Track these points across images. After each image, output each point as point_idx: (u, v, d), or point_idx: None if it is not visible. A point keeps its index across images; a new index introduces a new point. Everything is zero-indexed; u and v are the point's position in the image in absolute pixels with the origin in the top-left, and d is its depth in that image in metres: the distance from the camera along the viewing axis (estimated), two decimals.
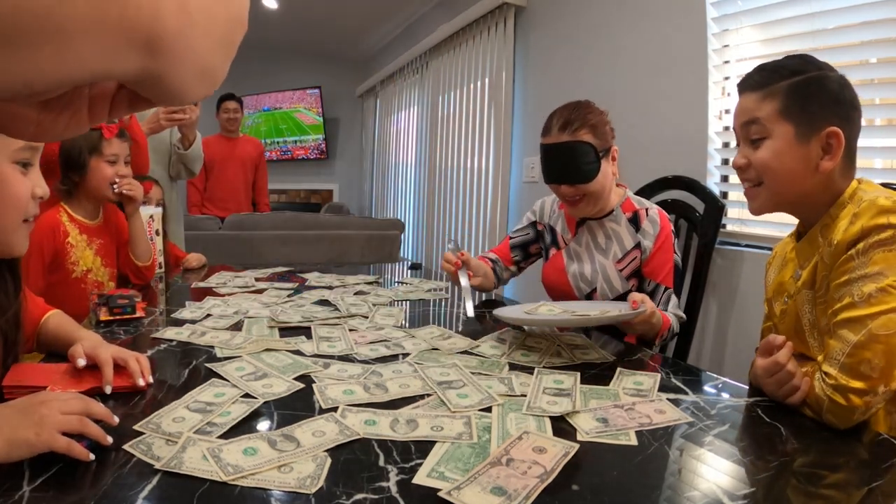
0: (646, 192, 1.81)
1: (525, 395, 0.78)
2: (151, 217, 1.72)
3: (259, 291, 1.51)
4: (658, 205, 1.36)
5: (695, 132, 1.79)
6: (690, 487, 0.57)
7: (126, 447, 0.60)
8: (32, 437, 0.55)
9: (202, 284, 1.63)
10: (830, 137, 0.82)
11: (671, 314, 1.22)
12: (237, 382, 0.80)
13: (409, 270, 2.08)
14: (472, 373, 0.87)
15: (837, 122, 0.82)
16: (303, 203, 5.68)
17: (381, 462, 0.59)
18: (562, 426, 0.69)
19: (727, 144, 1.74)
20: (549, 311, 1.12)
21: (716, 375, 0.93)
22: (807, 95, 0.83)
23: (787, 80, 0.84)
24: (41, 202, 0.81)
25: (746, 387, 0.87)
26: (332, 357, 0.94)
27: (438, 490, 0.53)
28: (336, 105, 5.55)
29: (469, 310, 1.23)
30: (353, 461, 0.59)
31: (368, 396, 0.77)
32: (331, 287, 1.60)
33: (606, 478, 0.58)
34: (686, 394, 0.82)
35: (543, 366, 0.92)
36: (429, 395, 0.78)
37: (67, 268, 1.35)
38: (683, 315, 1.31)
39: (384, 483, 0.55)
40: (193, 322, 1.15)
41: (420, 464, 0.58)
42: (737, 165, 0.90)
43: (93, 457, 0.56)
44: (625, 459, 0.62)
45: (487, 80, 3.01)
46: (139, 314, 1.17)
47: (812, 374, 0.77)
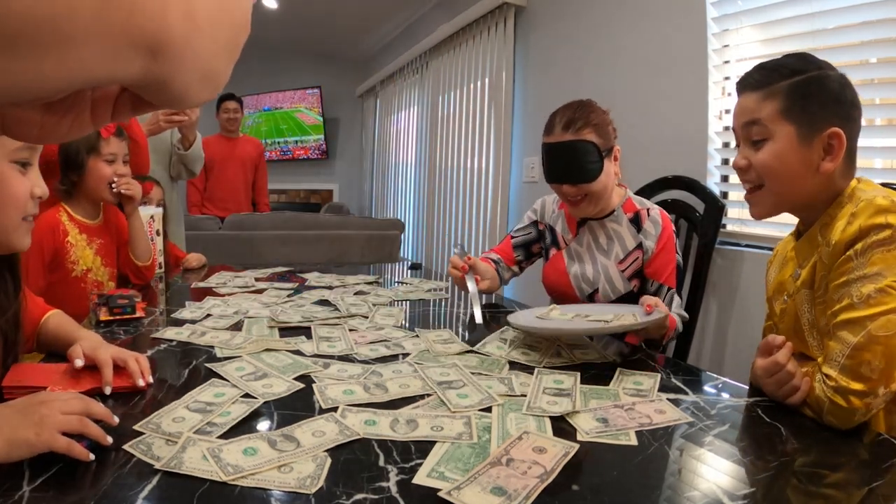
0: (646, 192, 1.81)
1: (525, 395, 0.78)
2: (152, 217, 1.72)
3: (259, 291, 1.51)
4: (658, 205, 1.36)
5: (695, 132, 1.79)
6: (690, 487, 0.57)
7: (126, 447, 0.60)
8: (32, 437, 0.55)
9: (202, 284, 1.63)
10: (832, 138, 0.81)
11: (676, 314, 1.22)
12: (237, 382, 0.80)
13: (409, 270, 2.08)
14: (472, 373, 0.87)
15: (838, 123, 0.81)
16: (303, 203, 5.68)
17: (381, 462, 0.59)
18: (562, 426, 0.69)
19: (727, 144, 1.74)
20: (562, 316, 1.12)
21: (716, 375, 0.93)
22: (807, 95, 0.82)
23: (788, 80, 0.83)
24: (41, 202, 0.81)
25: (746, 387, 0.87)
26: (332, 357, 0.94)
27: (438, 490, 0.53)
28: (336, 105, 5.55)
29: (477, 316, 1.21)
30: (353, 461, 0.59)
31: (368, 396, 0.77)
32: (331, 287, 1.60)
33: (606, 478, 0.58)
34: (686, 394, 0.82)
35: (543, 366, 0.92)
36: (429, 395, 0.78)
37: (67, 267, 1.35)
38: (686, 315, 1.31)
39: (384, 483, 0.55)
40: (193, 322, 1.15)
41: (420, 464, 0.58)
42: (737, 166, 0.90)
43: (93, 457, 0.56)
44: (625, 459, 0.62)
45: (487, 80, 3.01)
46: (139, 314, 1.17)
47: (812, 375, 0.77)
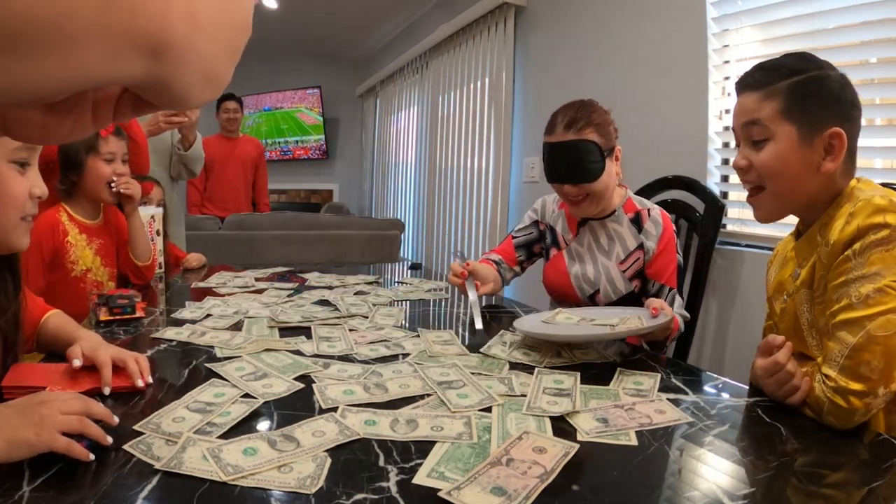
0: (646, 192, 1.81)
1: (525, 395, 0.78)
2: (152, 217, 1.72)
3: (259, 291, 1.51)
4: (658, 205, 1.36)
5: (695, 132, 1.79)
6: (690, 487, 0.57)
7: (126, 447, 0.60)
8: (32, 437, 0.55)
9: (202, 284, 1.63)
10: (833, 138, 0.81)
11: (678, 314, 1.22)
12: (237, 382, 0.80)
13: (409, 270, 2.08)
14: (472, 373, 0.87)
15: (839, 122, 0.81)
16: (303, 203, 5.68)
17: (381, 462, 0.59)
18: (562, 426, 0.69)
19: (727, 144, 1.74)
20: (568, 320, 1.11)
21: (716, 375, 0.93)
22: (808, 95, 0.82)
23: (788, 80, 0.83)
24: (41, 202, 0.81)
25: (746, 387, 0.87)
26: (332, 357, 0.94)
27: (438, 490, 0.53)
28: (336, 105, 5.55)
29: (478, 323, 1.19)
30: (353, 461, 0.59)
31: (368, 396, 0.77)
32: (331, 287, 1.60)
33: (606, 478, 0.58)
34: (686, 394, 0.82)
35: (543, 366, 0.92)
36: (429, 395, 0.78)
37: (67, 267, 1.35)
38: (688, 314, 1.31)
39: (384, 483, 0.55)
40: (193, 322, 1.15)
41: (420, 464, 0.58)
42: (738, 166, 0.89)
43: (93, 457, 0.56)
44: (625, 459, 0.62)
45: (487, 80, 3.01)
46: (139, 314, 1.17)
47: (812, 375, 0.77)
